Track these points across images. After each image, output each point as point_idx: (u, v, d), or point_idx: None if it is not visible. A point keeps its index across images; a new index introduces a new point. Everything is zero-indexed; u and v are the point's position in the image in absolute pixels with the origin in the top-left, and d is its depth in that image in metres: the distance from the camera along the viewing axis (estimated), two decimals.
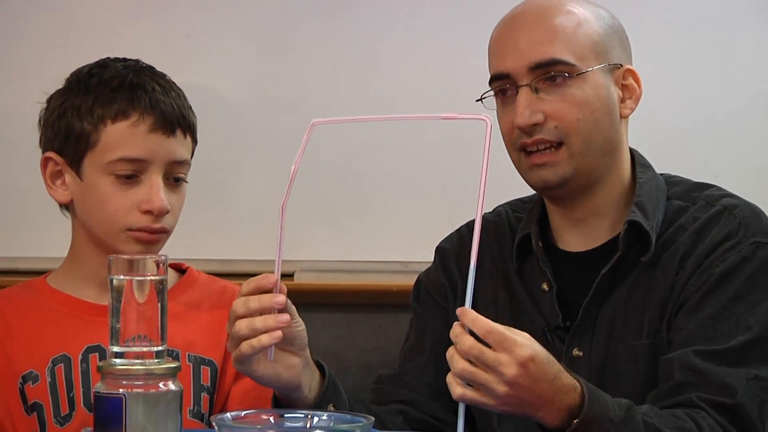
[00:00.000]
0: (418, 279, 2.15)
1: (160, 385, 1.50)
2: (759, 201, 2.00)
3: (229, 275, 2.30)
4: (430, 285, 2.12)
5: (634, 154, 2.03)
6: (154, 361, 1.51)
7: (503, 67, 1.97)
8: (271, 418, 1.66)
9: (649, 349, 1.93)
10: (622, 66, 1.99)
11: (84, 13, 2.71)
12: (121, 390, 1.49)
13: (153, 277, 1.53)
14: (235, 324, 1.79)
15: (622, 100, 1.99)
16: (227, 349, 1.84)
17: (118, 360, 1.51)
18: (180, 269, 2.16)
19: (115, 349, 1.51)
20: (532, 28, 1.97)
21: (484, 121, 1.68)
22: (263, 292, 1.79)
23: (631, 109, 2.01)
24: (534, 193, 2.08)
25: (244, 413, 1.63)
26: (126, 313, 1.51)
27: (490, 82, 2.01)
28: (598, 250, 1.99)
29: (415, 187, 2.69)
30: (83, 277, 2.08)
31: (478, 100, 2.02)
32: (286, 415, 1.68)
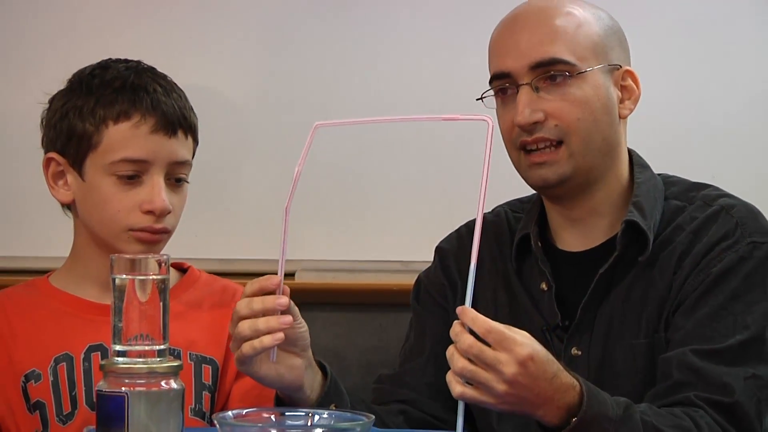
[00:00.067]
0: (418, 279, 2.15)
1: (162, 383, 1.50)
2: (756, 201, 2.00)
3: (230, 275, 2.30)
4: (430, 285, 2.12)
5: (632, 154, 2.04)
6: (156, 359, 1.51)
7: (504, 66, 1.97)
8: (273, 417, 1.66)
9: (647, 348, 1.93)
10: (621, 67, 2.00)
11: (85, 13, 2.71)
12: (123, 388, 1.49)
13: (155, 277, 1.53)
14: (238, 325, 1.79)
15: (621, 101, 2.00)
16: (230, 350, 1.85)
17: (120, 359, 1.51)
18: (181, 268, 2.16)
19: (118, 347, 1.51)
20: (533, 28, 1.97)
21: (485, 121, 1.68)
22: (266, 293, 1.80)
23: (630, 110, 2.01)
24: (533, 193, 2.08)
25: (245, 411, 1.63)
26: (128, 312, 1.52)
27: (491, 82, 2.01)
28: (596, 249, 1.99)
29: (415, 187, 2.68)
30: (85, 276, 2.08)
31: (478, 98, 2.02)
32: (287, 414, 1.68)
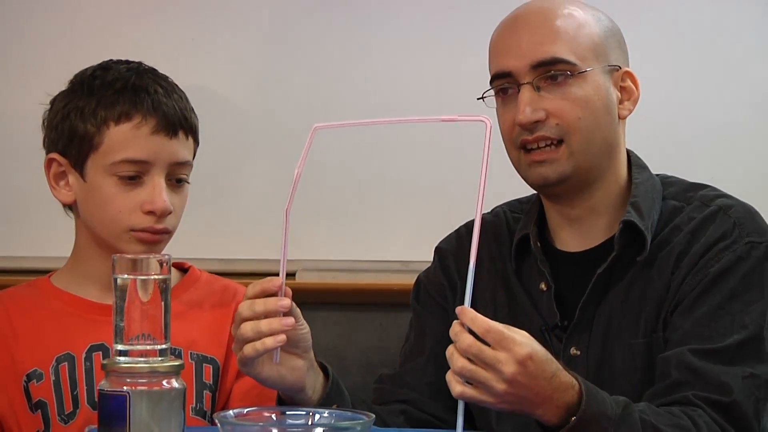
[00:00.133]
0: (418, 279, 2.16)
1: (164, 382, 1.51)
2: (755, 202, 2.01)
3: (231, 274, 2.31)
4: (430, 285, 2.12)
5: (631, 155, 2.04)
6: (157, 359, 1.51)
7: (505, 66, 1.97)
8: (273, 416, 1.66)
9: (646, 348, 1.93)
10: (621, 68, 2.00)
11: (87, 14, 2.71)
12: (125, 387, 1.49)
13: (156, 277, 1.53)
14: (240, 326, 1.79)
15: (621, 102, 2.00)
16: (233, 351, 1.85)
17: (122, 358, 1.51)
18: (182, 268, 2.17)
19: (119, 347, 1.51)
20: (534, 28, 1.98)
21: (483, 122, 1.69)
22: (268, 295, 1.80)
23: (629, 111, 2.02)
24: (531, 194, 2.09)
25: (246, 410, 1.63)
26: (130, 311, 1.52)
27: (491, 81, 2.01)
28: (595, 250, 2.00)
29: (415, 187, 2.69)
30: (87, 276, 2.09)
31: (479, 98, 2.03)
32: (287, 413, 1.68)
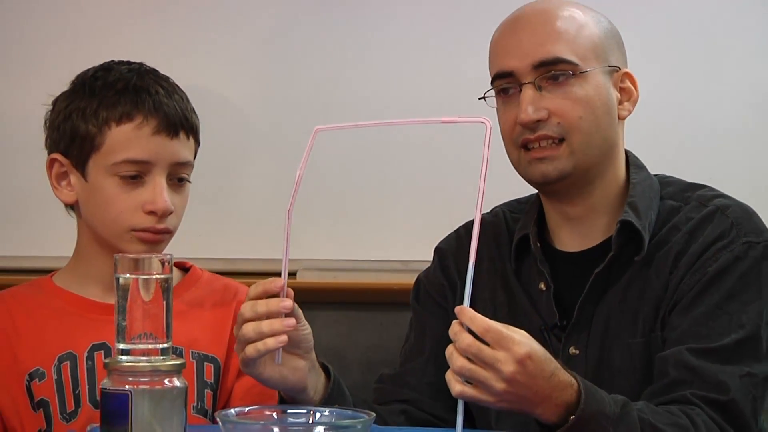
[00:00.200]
0: (418, 279, 2.16)
1: (166, 381, 1.50)
2: (752, 202, 2.01)
3: (233, 274, 2.30)
4: (430, 285, 2.13)
5: (629, 155, 2.05)
6: (159, 358, 1.51)
7: (507, 66, 1.98)
8: (274, 414, 1.67)
9: (644, 347, 1.94)
10: (620, 69, 2.01)
11: (88, 15, 2.72)
12: (127, 386, 1.49)
13: (158, 276, 1.53)
14: (242, 327, 1.80)
15: (620, 102, 2.01)
16: (235, 351, 1.85)
17: (124, 357, 1.51)
18: (183, 268, 2.17)
19: (122, 346, 1.51)
20: (535, 28, 1.98)
21: (483, 123, 1.69)
22: (270, 296, 1.80)
23: (629, 111, 2.03)
24: (530, 194, 2.10)
25: (247, 409, 1.64)
26: (132, 311, 1.52)
27: (492, 81, 2.02)
28: (593, 250, 2.00)
29: (415, 187, 2.69)
30: (88, 276, 2.09)
31: (480, 98, 2.03)
32: (288, 411, 1.68)
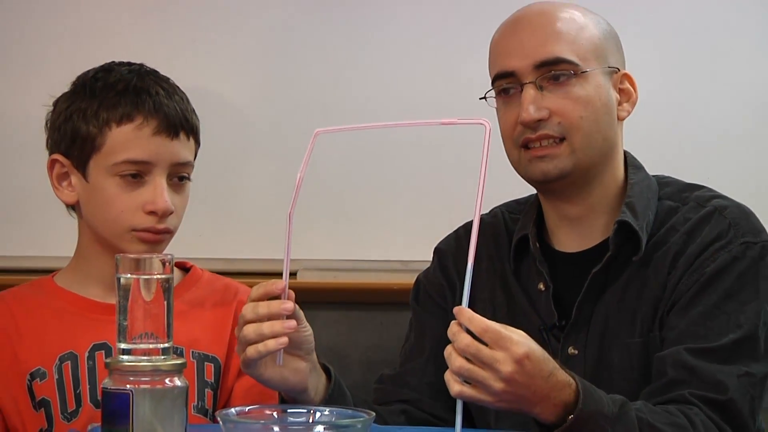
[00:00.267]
0: (417, 279, 2.16)
1: (167, 381, 1.51)
2: (750, 202, 2.01)
3: (234, 274, 2.31)
4: (429, 285, 2.13)
5: (627, 156, 2.05)
6: (160, 357, 1.52)
7: (508, 66, 1.99)
8: (275, 413, 1.67)
9: (642, 347, 1.94)
10: (620, 70, 2.02)
11: (89, 16, 2.72)
12: (128, 386, 1.49)
13: (159, 276, 1.53)
14: (243, 328, 1.80)
15: (619, 103, 2.02)
16: (236, 352, 1.85)
17: (125, 357, 1.51)
18: (184, 268, 2.17)
19: (123, 346, 1.52)
20: (535, 29, 1.99)
21: (482, 125, 1.70)
22: (272, 297, 1.81)
23: (628, 112, 2.03)
24: (529, 195, 2.10)
25: (248, 408, 1.64)
26: (133, 311, 1.52)
27: (493, 82, 2.02)
28: (592, 250, 2.00)
29: (415, 187, 2.70)
30: (89, 276, 2.09)
31: (481, 98, 2.04)
32: (289, 410, 1.69)
